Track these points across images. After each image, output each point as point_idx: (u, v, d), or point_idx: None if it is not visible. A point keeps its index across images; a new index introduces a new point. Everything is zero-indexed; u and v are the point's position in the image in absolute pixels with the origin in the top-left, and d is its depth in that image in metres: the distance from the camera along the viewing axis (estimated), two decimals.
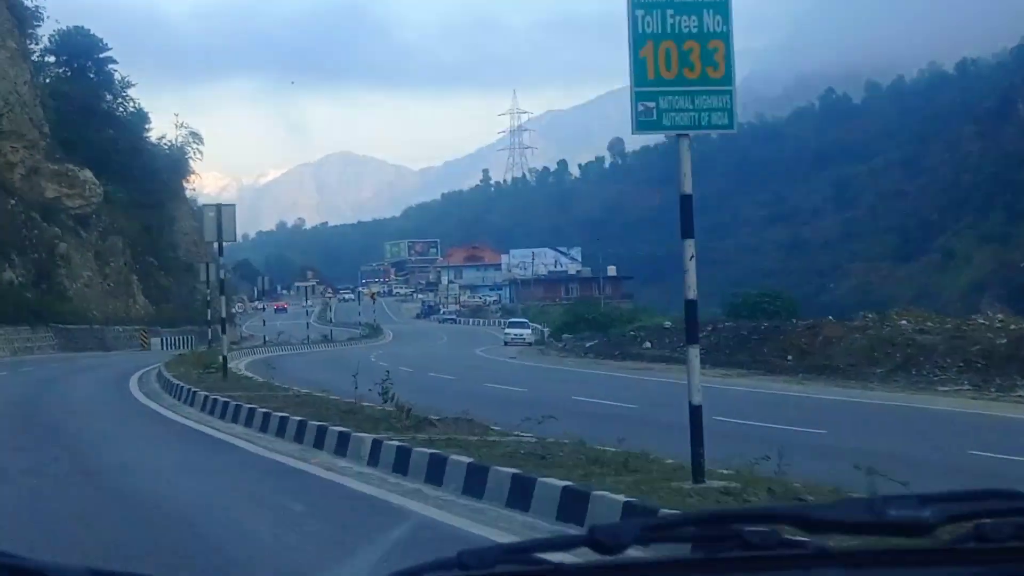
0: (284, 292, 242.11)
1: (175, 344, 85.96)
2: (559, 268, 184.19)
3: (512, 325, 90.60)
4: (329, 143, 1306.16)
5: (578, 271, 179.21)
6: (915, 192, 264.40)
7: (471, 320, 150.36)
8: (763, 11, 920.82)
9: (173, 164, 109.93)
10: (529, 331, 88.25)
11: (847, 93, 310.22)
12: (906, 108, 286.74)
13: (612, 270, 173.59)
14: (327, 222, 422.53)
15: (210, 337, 68.77)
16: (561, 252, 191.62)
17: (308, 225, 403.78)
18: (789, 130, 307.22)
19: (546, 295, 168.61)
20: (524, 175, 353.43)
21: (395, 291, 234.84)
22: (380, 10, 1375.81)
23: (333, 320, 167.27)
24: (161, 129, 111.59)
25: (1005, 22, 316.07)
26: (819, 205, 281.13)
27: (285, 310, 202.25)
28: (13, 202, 75.94)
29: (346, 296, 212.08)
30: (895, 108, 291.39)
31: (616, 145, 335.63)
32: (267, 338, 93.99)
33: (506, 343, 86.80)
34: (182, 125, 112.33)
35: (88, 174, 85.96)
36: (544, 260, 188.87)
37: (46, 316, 74.69)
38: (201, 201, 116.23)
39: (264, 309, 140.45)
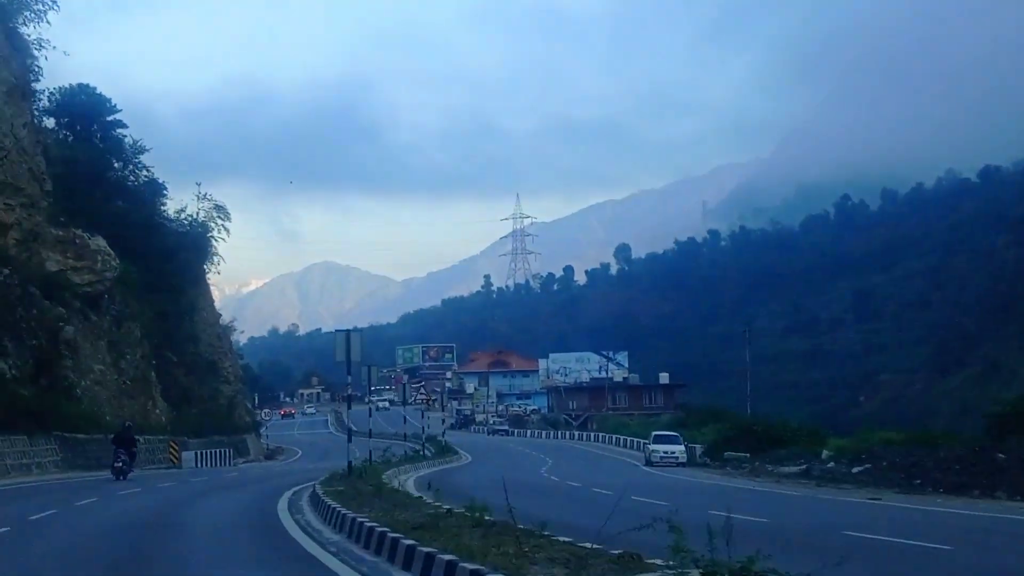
0: (287, 399, 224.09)
1: (210, 460, 66.30)
2: (603, 374, 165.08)
3: (660, 440, 71.06)
4: (313, 253, 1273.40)
5: (625, 377, 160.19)
6: (941, 303, 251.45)
7: (519, 432, 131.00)
8: (758, 119, 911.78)
9: (194, 243, 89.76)
10: (682, 447, 68.55)
11: (864, 200, 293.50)
12: (927, 216, 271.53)
13: (664, 377, 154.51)
14: (320, 328, 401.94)
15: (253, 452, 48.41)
16: (607, 357, 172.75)
17: (301, 331, 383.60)
18: (804, 238, 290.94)
19: (591, 404, 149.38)
20: (527, 281, 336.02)
21: (413, 399, 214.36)
22: (373, 113, 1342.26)
23: (355, 429, 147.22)
24: (179, 202, 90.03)
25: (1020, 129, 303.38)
26: (839, 315, 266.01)
27: (292, 416, 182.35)
28: (7, 272, 55.70)
29: (380, 403, 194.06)
30: (915, 216, 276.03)
31: (622, 251, 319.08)
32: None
33: (651, 463, 67.46)
34: (205, 196, 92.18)
35: (101, 242, 66.66)
36: (587, 366, 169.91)
37: (48, 421, 53.83)
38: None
39: (269, 418, 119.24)
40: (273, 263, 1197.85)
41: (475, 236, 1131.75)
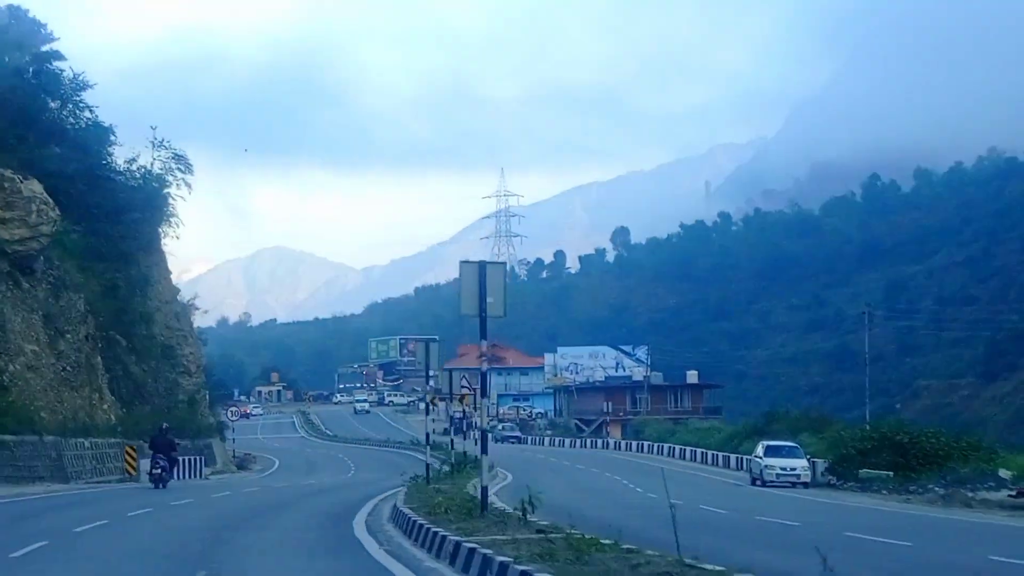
0: (243, 398, 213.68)
1: (175, 470, 56.02)
2: (621, 372, 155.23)
3: (775, 453, 60.74)
4: (264, 236, 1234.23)
5: (645, 376, 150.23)
6: (986, 298, 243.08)
7: (533, 439, 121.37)
8: (770, 90, 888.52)
9: (147, 200, 79.15)
10: (804, 463, 58.52)
11: (895, 181, 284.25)
12: (968, 200, 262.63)
13: (692, 376, 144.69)
14: (275, 319, 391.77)
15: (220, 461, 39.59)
16: (624, 352, 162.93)
17: (255, 322, 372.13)
18: (827, 222, 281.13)
19: (607, 407, 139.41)
20: (513, 268, 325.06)
21: (389, 399, 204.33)
22: (338, 76, 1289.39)
23: (330, 432, 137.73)
24: (130, 151, 78.85)
25: None
26: (868, 311, 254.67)
27: (247, 416, 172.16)
28: None
29: (359, 405, 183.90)
30: (954, 200, 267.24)
31: (620, 235, 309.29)
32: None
33: (763, 482, 57.60)
34: (161, 144, 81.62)
35: (37, 187, 56.66)
36: (601, 362, 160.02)
37: None
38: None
39: (236, 418, 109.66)
40: (219, 247, 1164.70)
41: (447, 218, 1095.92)
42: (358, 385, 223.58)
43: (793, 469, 59.11)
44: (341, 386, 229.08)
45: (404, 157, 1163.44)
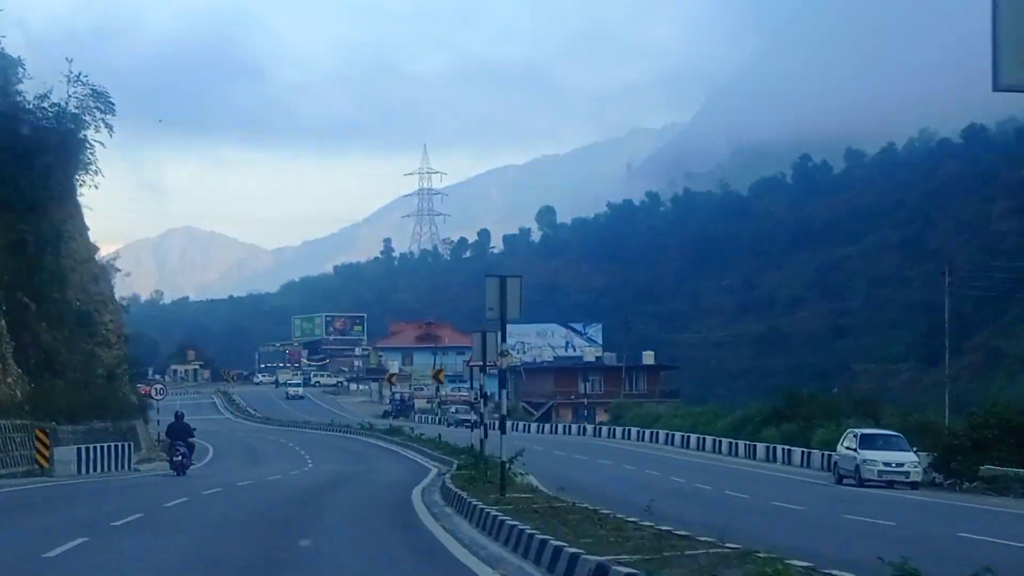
0: (157, 376, 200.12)
1: (98, 460, 45.02)
2: (572, 352, 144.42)
3: (873, 444, 49.04)
4: (174, 216, 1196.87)
5: (597, 357, 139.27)
6: (922, 280, 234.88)
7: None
8: (694, 70, 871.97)
9: (62, 143, 66.58)
10: (914, 458, 47.18)
11: (827, 161, 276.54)
12: (901, 181, 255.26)
13: (649, 357, 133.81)
14: (188, 297, 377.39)
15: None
16: (575, 330, 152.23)
17: (167, 300, 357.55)
18: (758, 204, 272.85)
19: (558, 388, 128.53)
20: (436, 247, 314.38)
21: (316, 379, 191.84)
22: (255, 48, 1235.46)
23: (258, 414, 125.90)
24: (42, 85, 65.53)
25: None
26: (800, 293, 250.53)
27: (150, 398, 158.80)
28: None
29: (290, 386, 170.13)
30: (887, 181, 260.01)
31: (546, 215, 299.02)
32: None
33: (864, 480, 46.26)
34: (78, 78, 68.83)
35: None
36: (551, 341, 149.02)
37: None
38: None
39: (162, 396, 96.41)
40: (128, 227, 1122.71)
41: (364, 197, 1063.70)
42: (280, 365, 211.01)
43: (900, 465, 47.77)
44: (263, 365, 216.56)
45: (322, 133, 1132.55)
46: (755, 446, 73.03)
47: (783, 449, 68.85)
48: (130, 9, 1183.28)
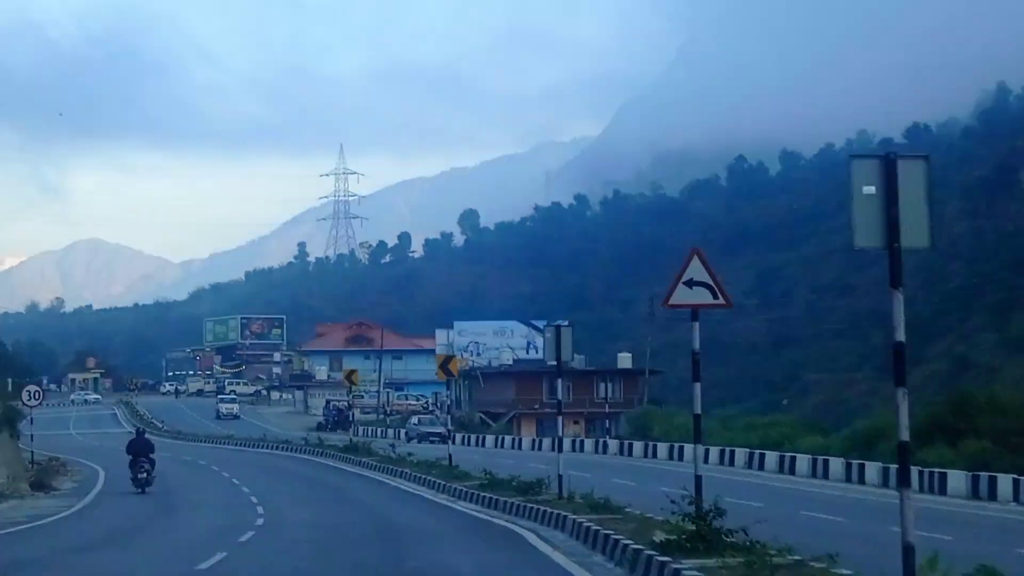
0: (53, 386, 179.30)
1: None
2: (535, 354, 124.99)
3: None
4: (78, 227, 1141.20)
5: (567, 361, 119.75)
6: (867, 286, 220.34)
7: (467, 438, 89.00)
8: (617, 73, 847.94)
9: None
10: None
11: (763, 162, 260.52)
12: (840, 183, 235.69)
13: (625, 360, 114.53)
14: (91, 305, 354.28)
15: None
16: (537, 329, 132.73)
17: (68, 308, 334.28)
18: (692, 206, 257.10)
19: (519, 395, 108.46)
20: (353, 251, 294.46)
21: (231, 388, 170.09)
22: (161, 47, 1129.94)
23: (165, 427, 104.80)
24: None
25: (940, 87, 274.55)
26: (738, 300, 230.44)
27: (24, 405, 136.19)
28: None
29: (223, 402, 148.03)
30: (826, 183, 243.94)
31: (468, 218, 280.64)
32: None
33: None
34: None
35: None
36: (510, 341, 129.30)
37: None
38: None
39: (38, 401, 73.58)
40: (32, 239, 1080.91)
41: (275, 205, 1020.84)
42: (190, 372, 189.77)
43: None
44: (171, 373, 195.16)
45: (232, 136, 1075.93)
46: (932, 473, 51.33)
47: (988, 477, 48.58)
48: (31, 6, 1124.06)
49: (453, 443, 59.01)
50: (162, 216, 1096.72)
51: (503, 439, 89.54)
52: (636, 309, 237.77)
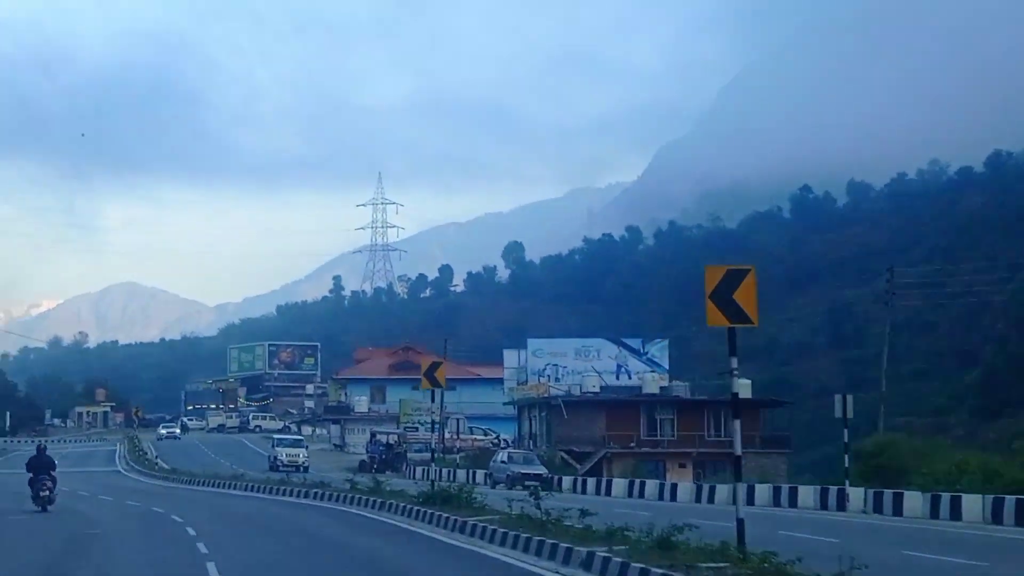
0: (56, 420, 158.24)
1: None
2: (627, 380, 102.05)
3: None
4: (114, 270, 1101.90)
5: (663, 387, 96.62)
6: (948, 324, 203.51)
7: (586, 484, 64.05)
8: (666, 99, 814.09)
9: None
10: None
11: (830, 193, 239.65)
12: (915, 215, 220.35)
13: (744, 387, 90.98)
14: (117, 341, 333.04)
15: None
16: (630, 349, 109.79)
17: (91, 343, 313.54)
18: (752, 239, 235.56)
19: (612, 431, 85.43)
20: (391, 285, 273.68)
21: (256, 423, 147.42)
22: (193, 78, 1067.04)
23: (164, 467, 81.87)
24: None
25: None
26: (807, 339, 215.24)
27: None
28: None
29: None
30: (899, 215, 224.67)
31: (512, 251, 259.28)
32: None
33: None
34: None
35: None
36: (597, 363, 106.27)
37: None
38: None
39: None
40: (68, 282, 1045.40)
41: (308, 251, 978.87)
42: (211, 406, 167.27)
43: None
44: (190, 407, 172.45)
45: (266, 171, 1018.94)
46: None
47: None
48: (60, 33, 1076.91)
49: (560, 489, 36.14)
50: (196, 258, 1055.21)
51: (638, 486, 62.29)
52: (692, 347, 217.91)
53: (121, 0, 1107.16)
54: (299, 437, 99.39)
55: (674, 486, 59.59)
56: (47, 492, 45.98)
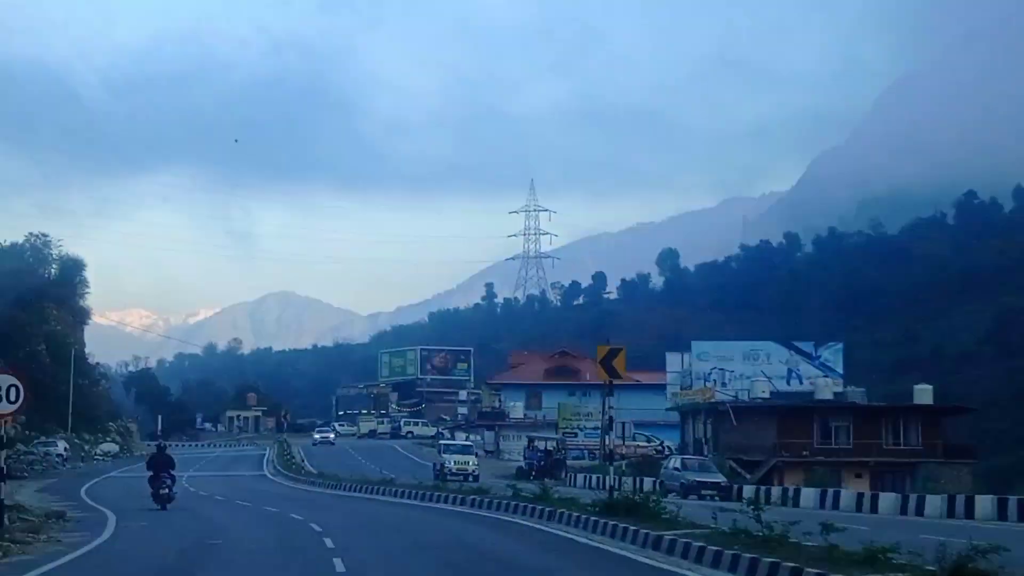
0: (206, 425, 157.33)
1: None
2: (797, 385, 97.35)
3: None
4: (269, 279, 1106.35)
5: (837, 393, 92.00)
6: None
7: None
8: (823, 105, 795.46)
9: None
10: None
11: (995, 198, 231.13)
12: None
13: (925, 393, 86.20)
14: (271, 347, 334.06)
15: None
16: (802, 352, 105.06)
17: (246, 349, 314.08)
18: (916, 246, 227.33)
19: (783, 438, 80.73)
20: (544, 292, 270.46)
21: (407, 430, 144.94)
22: (346, 85, 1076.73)
23: (312, 472, 78.88)
24: None
25: None
26: (973, 349, 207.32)
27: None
28: None
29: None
30: None
31: (667, 259, 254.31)
32: None
33: None
34: None
35: None
36: (766, 367, 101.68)
37: None
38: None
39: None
40: (225, 290, 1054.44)
41: (462, 252, 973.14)
42: (362, 411, 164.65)
43: None
44: (341, 412, 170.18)
45: (418, 178, 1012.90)
46: None
47: None
48: (214, 42, 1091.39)
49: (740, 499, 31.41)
50: (349, 266, 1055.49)
51: (831, 495, 56.05)
52: (855, 356, 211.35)
53: (277, 11, 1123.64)
54: (468, 443, 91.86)
55: (874, 496, 53.83)
56: (167, 490, 47.83)
